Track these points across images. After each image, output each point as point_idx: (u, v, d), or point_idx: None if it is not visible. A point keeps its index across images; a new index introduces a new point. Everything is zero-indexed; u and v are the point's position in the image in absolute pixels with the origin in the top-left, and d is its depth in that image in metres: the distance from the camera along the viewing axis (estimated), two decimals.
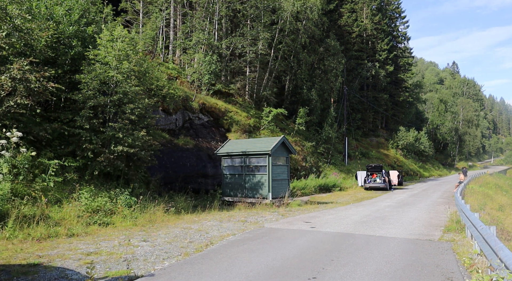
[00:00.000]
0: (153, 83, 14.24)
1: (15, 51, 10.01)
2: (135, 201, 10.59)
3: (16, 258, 6.02)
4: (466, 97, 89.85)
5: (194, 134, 18.96)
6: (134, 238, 7.95)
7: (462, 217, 9.51)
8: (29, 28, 10.10)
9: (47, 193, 9.11)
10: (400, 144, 51.47)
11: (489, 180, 32.85)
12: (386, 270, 5.75)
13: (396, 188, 27.63)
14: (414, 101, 63.68)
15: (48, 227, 7.88)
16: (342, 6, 48.92)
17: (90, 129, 10.92)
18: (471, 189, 23.11)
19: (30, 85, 9.46)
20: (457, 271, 5.79)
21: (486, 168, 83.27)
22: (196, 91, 21.82)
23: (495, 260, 4.43)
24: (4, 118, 9.33)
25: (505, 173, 62.68)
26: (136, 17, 28.76)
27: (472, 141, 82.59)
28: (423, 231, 9.42)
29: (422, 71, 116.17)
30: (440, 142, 70.90)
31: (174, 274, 5.45)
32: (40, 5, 11.32)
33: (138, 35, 15.87)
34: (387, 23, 54.96)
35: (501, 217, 13.61)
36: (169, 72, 22.70)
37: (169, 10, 27.35)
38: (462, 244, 7.75)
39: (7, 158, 8.68)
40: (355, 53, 48.17)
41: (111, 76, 11.40)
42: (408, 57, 60.14)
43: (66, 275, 5.27)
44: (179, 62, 26.90)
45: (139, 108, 11.52)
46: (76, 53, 11.74)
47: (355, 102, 45.60)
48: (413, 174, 45.60)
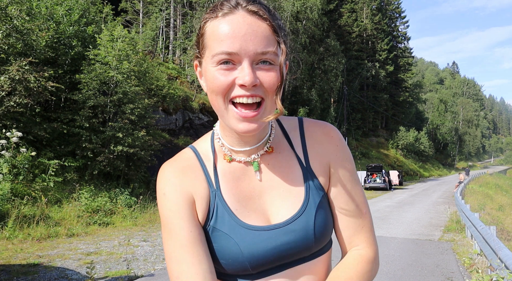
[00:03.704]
0: (153, 83, 14.24)
1: (15, 51, 10.01)
2: (135, 201, 10.59)
3: (16, 258, 6.02)
4: (466, 97, 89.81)
5: (194, 134, 18.96)
6: (134, 238, 7.95)
7: (462, 217, 9.51)
8: (29, 29, 10.10)
9: (47, 193, 9.11)
10: (400, 144, 51.47)
11: (489, 180, 32.85)
12: (386, 270, 5.75)
13: (396, 188, 27.63)
14: (414, 101, 63.68)
15: (48, 227, 7.88)
16: (342, 6, 48.92)
17: (90, 129, 10.92)
18: (471, 189, 23.11)
19: (29, 85, 9.46)
20: (457, 271, 5.79)
21: (486, 168, 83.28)
22: (196, 91, 21.82)
23: (495, 260, 4.43)
24: (4, 118, 9.33)
25: (505, 173, 62.66)
26: (136, 17, 28.77)
27: (472, 141, 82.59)
28: (423, 231, 9.42)
29: (422, 71, 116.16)
30: (440, 142, 70.93)
31: None
32: (41, 5, 11.32)
33: (138, 35, 15.88)
34: (387, 23, 54.98)
35: (501, 217, 13.60)
36: (169, 72, 22.70)
37: (169, 10, 27.35)
38: (462, 244, 7.76)
39: (7, 158, 8.67)
40: (355, 53, 48.18)
41: (111, 76, 11.40)
42: (408, 57, 60.14)
43: (66, 275, 5.26)
44: (179, 62, 26.91)
45: (139, 108, 11.52)
46: (76, 53, 11.74)
47: (355, 102, 45.62)
48: (413, 174, 45.62)
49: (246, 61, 0.73)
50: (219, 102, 0.76)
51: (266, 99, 0.76)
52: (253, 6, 0.75)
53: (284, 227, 0.82)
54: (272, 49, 0.74)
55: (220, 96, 0.76)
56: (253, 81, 0.73)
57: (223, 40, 0.73)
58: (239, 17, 0.74)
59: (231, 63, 0.74)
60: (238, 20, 0.74)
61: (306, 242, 0.82)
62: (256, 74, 0.74)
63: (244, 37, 0.73)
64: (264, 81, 0.74)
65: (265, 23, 0.74)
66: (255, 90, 0.74)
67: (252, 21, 0.74)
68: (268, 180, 0.86)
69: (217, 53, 0.73)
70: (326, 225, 0.85)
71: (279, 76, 0.75)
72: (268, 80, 0.74)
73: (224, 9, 0.75)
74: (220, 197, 0.84)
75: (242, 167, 0.87)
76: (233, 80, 0.74)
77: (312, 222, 0.83)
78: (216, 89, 0.75)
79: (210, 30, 0.76)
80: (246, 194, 0.85)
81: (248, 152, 0.86)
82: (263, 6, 0.76)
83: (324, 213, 0.85)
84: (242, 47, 0.72)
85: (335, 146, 0.89)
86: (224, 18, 0.75)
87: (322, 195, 0.86)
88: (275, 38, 0.75)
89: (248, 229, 0.82)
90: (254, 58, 0.74)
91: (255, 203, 0.85)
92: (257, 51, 0.73)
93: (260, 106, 0.76)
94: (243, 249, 0.80)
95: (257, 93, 0.75)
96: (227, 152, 0.87)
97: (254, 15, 0.74)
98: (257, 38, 0.73)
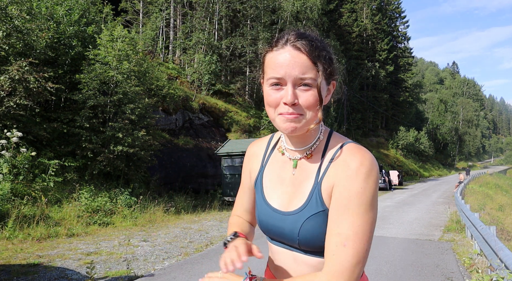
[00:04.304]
0: (153, 83, 14.24)
1: (15, 51, 10.01)
2: (135, 201, 10.59)
3: (16, 258, 6.02)
4: (466, 97, 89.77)
5: (194, 134, 18.96)
6: (134, 238, 7.95)
7: (462, 217, 9.51)
8: (29, 29, 10.10)
9: (47, 193, 9.11)
10: (400, 144, 51.45)
11: (489, 180, 32.85)
12: (386, 270, 5.75)
13: (396, 188, 27.63)
14: (414, 101, 63.67)
15: (48, 227, 7.88)
16: (342, 6, 48.89)
17: (90, 129, 10.92)
18: (471, 189, 23.12)
19: (29, 86, 9.46)
20: (457, 271, 5.79)
21: (486, 168, 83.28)
22: (196, 91, 21.82)
23: (495, 260, 4.43)
24: (4, 118, 9.33)
25: (505, 173, 62.66)
26: (136, 17, 28.75)
27: (472, 141, 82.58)
28: (423, 231, 9.43)
29: (422, 71, 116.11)
30: (440, 142, 70.90)
31: (174, 274, 5.45)
32: (41, 5, 11.32)
33: (138, 35, 15.88)
34: (387, 23, 54.96)
35: (501, 217, 13.60)
36: (169, 72, 22.70)
37: (169, 10, 27.34)
38: (462, 244, 7.76)
39: (7, 158, 8.68)
40: (355, 53, 48.15)
41: (111, 76, 11.40)
42: (408, 57, 60.11)
43: (66, 275, 5.27)
44: (179, 62, 26.90)
45: (139, 108, 11.52)
46: (76, 53, 11.73)
47: (355, 102, 45.61)
48: (413, 174, 45.63)
49: (289, 84, 0.97)
50: (271, 113, 1.01)
51: (304, 115, 0.99)
52: (298, 43, 0.98)
53: (283, 215, 1.07)
54: (310, 75, 0.96)
55: (272, 108, 1.01)
56: (292, 100, 0.96)
57: (274, 68, 0.98)
58: (286, 51, 0.98)
59: (279, 85, 0.99)
60: (286, 54, 0.98)
61: (291, 237, 1.04)
62: (296, 95, 0.97)
63: (288, 66, 0.96)
64: (302, 100, 0.97)
65: (304, 55, 0.97)
66: (295, 109, 0.98)
67: (295, 54, 0.97)
68: (295, 177, 1.09)
69: (270, 78, 0.99)
70: (313, 235, 1.01)
71: (317, 95, 0.98)
72: (306, 99, 0.97)
73: (278, 45, 1.00)
74: (261, 174, 1.17)
75: (287, 161, 1.13)
76: (280, 97, 0.98)
77: (299, 225, 1.02)
78: (269, 103, 1.01)
79: (267, 60, 1.02)
80: (279, 180, 1.12)
81: (294, 152, 1.10)
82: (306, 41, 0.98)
83: (314, 225, 1.01)
84: (287, 73, 0.96)
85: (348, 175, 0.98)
86: (277, 51, 1.00)
87: (320, 210, 1.01)
88: (313, 66, 0.97)
89: (265, 204, 1.12)
90: (295, 81, 0.97)
91: (281, 189, 1.11)
92: (298, 77, 0.96)
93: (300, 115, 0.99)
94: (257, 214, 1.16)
95: (297, 112, 0.98)
96: (283, 146, 1.14)
97: (297, 50, 0.97)
98: (297, 67, 0.96)
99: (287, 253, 1.09)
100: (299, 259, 1.06)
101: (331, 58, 1.03)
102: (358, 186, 0.95)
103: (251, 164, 1.23)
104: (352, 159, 0.99)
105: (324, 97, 1.02)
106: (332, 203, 0.98)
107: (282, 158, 1.14)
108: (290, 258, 1.09)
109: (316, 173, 1.04)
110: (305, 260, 1.05)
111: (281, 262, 1.12)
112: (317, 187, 1.02)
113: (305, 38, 0.99)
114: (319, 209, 1.00)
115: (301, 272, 1.06)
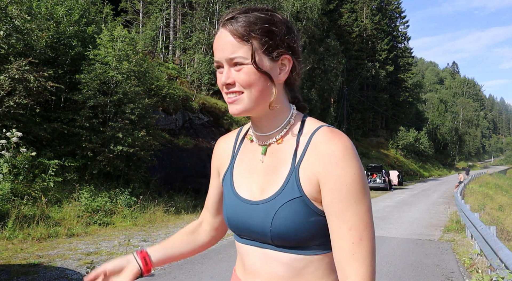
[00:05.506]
0: (153, 83, 14.23)
1: (15, 51, 10.01)
2: (135, 201, 10.59)
3: (16, 258, 6.02)
4: (466, 97, 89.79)
5: (194, 134, 18.96)
6: (134, 238, 7.95)
7: (462, 217, 9.51)
8: (29, 29, 10.10)
9: (47, 193, 9.11)
10: (400, 144, 51.45)
11: (489, 180, 32.86)
12: (386, 270, 5.75)
13: (396, 188, 27.63)
14: (414, 101, 63.63)
15: (48, 227, 7.88)
16: (342, 6, 48.90)
17: (90, 129, 10.92)
18: (471, 189, 23.12)
19: (29, 85, 9.46)
20: (457, 271, 5.79)
21: (486, 168, 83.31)
22: (196, 91, 21.82)
23: (495, 260, 4.43)
24: (4, 118, 9.33)
25: (505, 173, 62.70)
26: (136, 17, 28.76)
27: (472, 141, 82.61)
28: (423, 231, 9.43)
29: (422, 71, 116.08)
30: (440, 142, 70.90)
31: (174, 274, 5.45)
32: (41, 5, 11.32)
33: (138, 35, 15.88)
34: (387, 23, 54.96)
35: (501, 217, 13.61)
36: (169, 72, 22.70)
37: (169, 10, 27.35)
38: (462, 244, 7.76)
39: (7, 158, 8.68)
40: (355, 53, 48.16)
41: (111, 76, 11.40)
42: (408, 57, 60.12)
43: (66, 275, 5.27)
44: (179, 62, 26.91)
45: (139, 108, 11.52)
46: (76, 53, 11.73)
47: (355, 102, 45.62)
48: (413, 174, 45.61)
49: (225, 65, 0.95)
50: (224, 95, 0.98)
51: (245, 92, 0.94)
52: (227, 22, 0.94)
53: (254, 205, 0.98)
54: (239, 54, 0.92)
55: (222, 91, 0.98)
56: (225, 80, 0.94)
57: (214, 53, 0.97)
58: (219, 33, 0.96)
59: (221, 68, 0.97)
60: (218, 35, 0.96)
61: (263, 230, 0.94)
62: (231, 74, 0.94)
63: (219, 48, 0.94)
64: (238, 79, 0.93)
65: (232, 34, 0.92)
66: (234, 87, 0.94)
67: (224, 34, 0.94)
68: (267, 165, 1.01)
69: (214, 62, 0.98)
70: (287, 225, 0.91)
71: (252, 73, 0.92)
72: (238, 77, 0.93)
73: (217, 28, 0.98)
74: (231, 168, 1.09)
75: (256, 148, 1.06)
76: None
77: (272, 214, 0.93)
78: (219, 86, 0.99)
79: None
80: (250, 169, 1.04)
81: (262, 137, 1.04)
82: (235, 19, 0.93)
83: (289, 213, 0.91)
84: (220, 55, 0.94)
85: (336, 163, 0.89)
86: (216, 35, 0.98)
87: (297, 196, 0.92)
88: (244, 43, 0.92)
89: (234, 195, 1.03)
90: (229, 62, 0.94)
91: (252, 178, 1.02)
92: (228, 57, 0.93)
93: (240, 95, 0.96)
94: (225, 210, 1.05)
95: (235, 90, 0.95)
96: (251, 132, 1.08)
97: (226, 30, 0.94)
98: (227, 47, 0.93)
99: (257, 252, 0.98)
100: (270, 257, 0.96)
101: (271, 30, 0.93)
102: (351, 172, 0.88)
103: (219, 162, 1.15)
104: (333, 144, 0.91)
105: (274, 73, 0.95)
106: (328, 195, 0.89)
107: (253, 147, 1.06)
108: (260, 257, 0.98)
109: (292, 158, 0.96)
110: (277, 257, 0.95)
111: (250, 264, 1.01)
112: (295, 171, 0.93)
113: (236, 16, 0.93)
114: (296, 195, 0.91)
115: (271, 272, 0.96)
